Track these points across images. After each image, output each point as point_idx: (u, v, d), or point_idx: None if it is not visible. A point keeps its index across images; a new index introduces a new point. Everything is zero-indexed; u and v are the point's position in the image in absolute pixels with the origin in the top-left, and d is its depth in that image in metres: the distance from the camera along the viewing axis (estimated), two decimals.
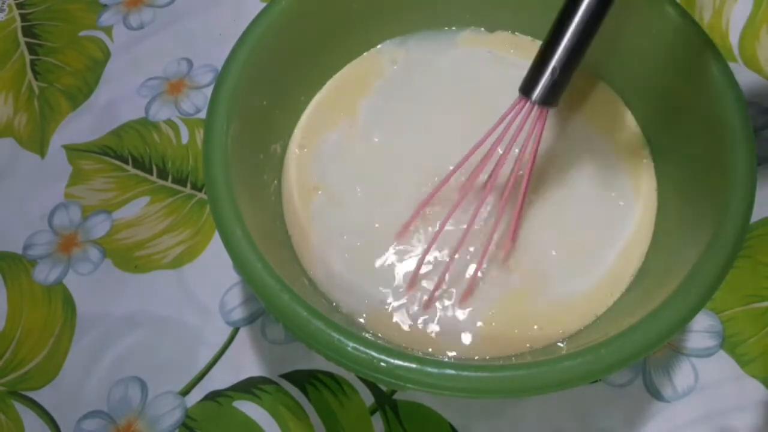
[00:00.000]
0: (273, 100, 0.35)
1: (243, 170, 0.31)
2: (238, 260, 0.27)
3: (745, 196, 0.27)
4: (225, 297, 0.39)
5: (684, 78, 0.32)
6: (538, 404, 0.35)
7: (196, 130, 0.46)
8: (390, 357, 0.24)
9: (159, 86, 0.48)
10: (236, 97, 0.31)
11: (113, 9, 0.52)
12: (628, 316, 0.27)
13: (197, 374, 0.37)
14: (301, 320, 0.26)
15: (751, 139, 0.28)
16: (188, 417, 0.36)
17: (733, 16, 0.47)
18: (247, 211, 0.29)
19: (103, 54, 0.50)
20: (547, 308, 0.32)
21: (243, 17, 0.34)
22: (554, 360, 0.24)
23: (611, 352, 0.25)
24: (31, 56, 0.51)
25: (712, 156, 0.30)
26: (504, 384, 0.24)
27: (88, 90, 0.48)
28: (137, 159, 0.45)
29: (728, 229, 0.26)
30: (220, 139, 0.30)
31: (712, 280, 0.26)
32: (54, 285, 0.41)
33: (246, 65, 0.32)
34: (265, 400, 0.36)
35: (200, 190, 0.43)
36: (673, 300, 0.26)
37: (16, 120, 0.48)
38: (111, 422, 0.36)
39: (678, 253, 0.30)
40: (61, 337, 0.39)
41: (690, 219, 0.31)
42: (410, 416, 0.35)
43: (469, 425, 0.35)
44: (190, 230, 0.42)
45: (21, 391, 0.38)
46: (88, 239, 0.42)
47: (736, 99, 0.29)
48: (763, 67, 0.44)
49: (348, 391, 0.36)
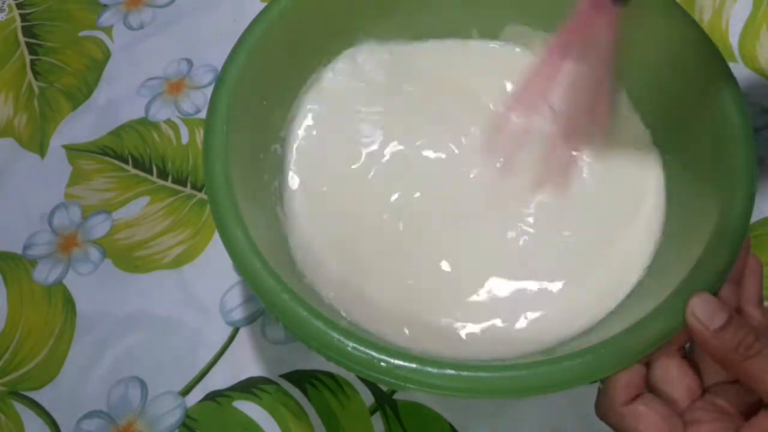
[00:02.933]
0: (273, 100, 0.35)
1: (243, 170, 0.31)
2: (238, 260, 0.27)
3: (745, 196, 0.27)
4: (225, 297, 0.39)
5: (686, 80, 0.32)
6: (538, 404, 0.35)
7: (196, 130, 0.46)
8: (390, 357, 0.24)
9: (159, 86, 0.48)
10: (236, 97, 0.31)
11: (113, 9, 0.52)
12: (629, 316, 0.27)
13: (197, 374, 0.37)
14: (301, 320, 0.25)
15: (751, 139, 0.28)
16: (188, 417, 0.36)
17: (732, 16, 0.47)
18: (247, 211, 0.29)
19: (103, 54, 0.50)
20: (548, 308, 0.32)
21: (243, 17, 0.34)
22: (554, 360, 0.24)
23: (611, 352, 0.25)
24: (31, 56, 0.51)
25: (712, 156, 0.30)
26: (504, 384, 0.24)
27: (88, 90, 0.48)
28: (137, 159, 0.45)
29: (728, 228, 0.26)
30: (220, 139, 0.30)
31: (713, 280, 0.26)
32: (54, 285, 0.41)
33: (246, 65, 0.32)
34: (265, 400, 0.36)
35: (200, 190, 0.43)
36: (673, 300, 0.26)
37: (16, 120, 0.48)
38: (111, 422, 0.36)
39: (679, 253, 0.30)
40: (61, 337, 0.39)
41: (691, 218, 0.31)
42: (410, 416, 0.35)
43: (469, 425, 0.35)
44: (190, 230, 0.42)
45: (21, 391, 0.38)
46: (88, 239, 0.42)
47: (736, 99, 0.29)
48: (763, 67, 0.44)
49: (348, 391, 0.36)
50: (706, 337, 0.24)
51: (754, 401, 0.25)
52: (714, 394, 0.26)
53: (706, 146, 0.30)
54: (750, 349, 0.23)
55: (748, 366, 0.23)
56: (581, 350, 0.25)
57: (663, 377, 0.26)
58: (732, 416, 0.25)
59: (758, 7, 0.47)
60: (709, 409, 0.25)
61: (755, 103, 0.43)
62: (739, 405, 0.25)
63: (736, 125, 0.28)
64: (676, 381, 0.26)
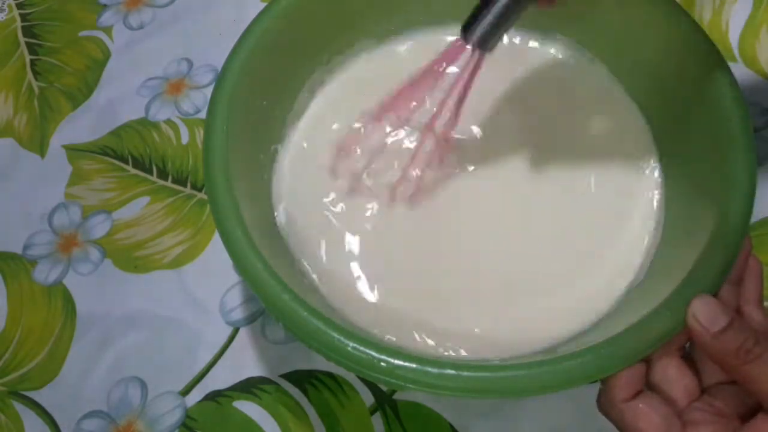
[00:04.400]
0: (273, 100, 0.35)
1: (243, 170, 0.31)
2: (238, 260, 0.27)
3: (745, 196, 0.27)
4: (225, 297, 0.39)
5: (686, 80, 0.32)
6: (538, 404, 0.35)
7: (196, 130, 0.46)
8: (390, 357, 0.24)
9: (159, 86, 0.48)
10: (236, 97, 0.31)
11: (113, 9, 0.52)
12: (629, 316, 0.27)
13: (197, 374, 0.37)
14: (301, 320, 0.26)
15: (751, 139, 0.28)
16: (188, 417, 0.36)
17: (732, 16, 0.47)
18: (247, 211, 0.29)
19: (103, 54, 0.50)
20: (549, 309, 0.32)
21: (243, 17, 0.34)
22: (554, 360, 0.24)
23: (611, 352, 0.25)
24: (31, 56, 0.51)
25: (712, 156, 0.30)
26: (504, 384, 0.24)
27: (88, 90, 0.48)
28: (137, 159, 0.45)
29: (728, 228, 0.26)
30: (220, 139, 0.30)
31: (713, 280, 0.26)
32: (54, 285, 0.41)
33: (246, 65, 0.32)
34: (265, 400, 0.36)
35: (200, 190, 0.43)
36: (672, 300, 0.26)
37: (16, 120, 0.48)
38: (111, 422, 0.36)
39: (679, 253, 0.29)
40: (61, 337, 0.39)
41: (691, 218, 0.31)
42: (410, 416, 0.35)
43: (469, 425, 0.35)
44: (190, 230, 0.42)
45: (21, 391, 0.38)
46: (88, 239, 0.42)
47: (736, 99, 0.29)
48: (762, 67, 0.44)
49: (348, 391, 0.36)
50: (706, 340, 0.24)
51: (752, 404, 0.25)
52: (712, 395, 0.26)
53: (706, 147, 0.30)
54: (749, 353, 0.23)
55: (747, 370, 0.23)
56: (581, 350, 0.25)
57: (662, 376, 0.26)
58: (730, 418, 0.25)
59: (758, 7, 0.47)
60: (707, 411, 0.25)
61: (755, 103, 0.43)
62: (737, 407, 0.25)
63: (736, 125, 0.28)
64: (674, 381, 0.26)
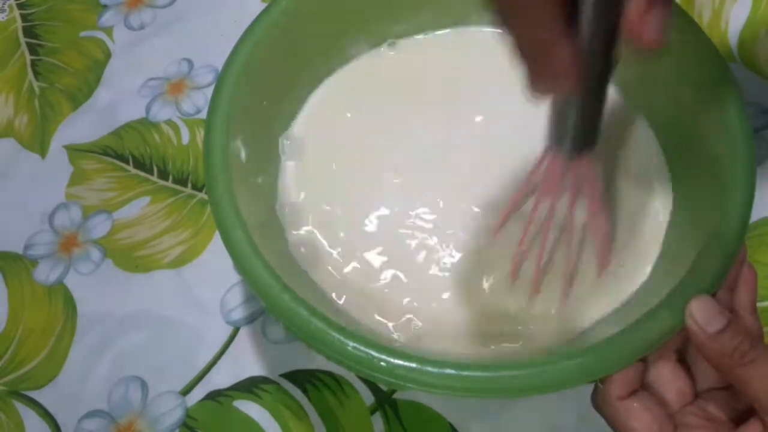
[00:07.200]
0: (273, 100, 0.35)
1: (243, 170, 0.31)
2: (238, 260, 0.27)
3: (744, 196, 0.27)
4: (225, 297, 0.39)
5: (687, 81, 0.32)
6: (538, 404, 0.35)
7: (197, 130, 0.46)
8: (390, 357, 0.25)
9: (159, 86, 0.48)
10: (237, 97, 0.31)
11: (114, 9, 0.52)
12: (628, 317, 0.27)
13: (198, 374, 0.37)
14: (301, 320, 0.26)
15: (751, 139, 0.28)
16: (189, 416, 0.36)
17: (732, 17, 0.46)
18: (248, 211, 0.29)
19: (104, 54, 0.50)
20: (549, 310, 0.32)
21: (243, 18, 0.34)
22: (554, 360, 0.25)
23: (611, 352, 0.25)
24: (31, 56, 0.51)
25: (712, 156, 0.30)
26: (504, 384, 0.24)
27: (89, 90, 0.48)
28: (138, 159, 0.45)
29: (728, 228, 0.26)
30: (221, 139, 0.30)
31: (711, 281, 0.26)
32: (55, 285, 0.41)
33: (246, 65, 0.32)
34: (266, 400, 0.36)
35: (201, 190, 0.43)
36: (672, 299, 0.26)
37: (16, 120, 0.48)
38: (112, 422, 0.37)
39: (679, 253, 0.30)
40: (62, 336, 0.39)
41: (691, 218, 0.31)
42: (410, 416, 0.35)
43: (469, 425, 0.35)
44: (190, 230, 0.42)
45: (22, 390, 0.38)
46: (89, 239, 0.42)
47: (735, 99, 0.29)
48: (762, 67, 0.44)
49: (348, 390, 0.36)
50: (703, 340, 0.24)
51: (744, 409, 0.25)
52: (705, 400, 0.26)
53: (706, 147, 0.30)
54: (744, 356, 0.23)
55: (741, 372, 0.23)
56: (581, 350, 0.25)
57: (656, 378, 0.27)
58: (722, 423, 0.25)
59: (757, 7, 0.47)
60: (699, 415, 0.26)
61: (755, 103, 0.43)
62: (729, 412, 0.26)
63: (736, 126, 0.28)
64: (668, 383, 0.27)
